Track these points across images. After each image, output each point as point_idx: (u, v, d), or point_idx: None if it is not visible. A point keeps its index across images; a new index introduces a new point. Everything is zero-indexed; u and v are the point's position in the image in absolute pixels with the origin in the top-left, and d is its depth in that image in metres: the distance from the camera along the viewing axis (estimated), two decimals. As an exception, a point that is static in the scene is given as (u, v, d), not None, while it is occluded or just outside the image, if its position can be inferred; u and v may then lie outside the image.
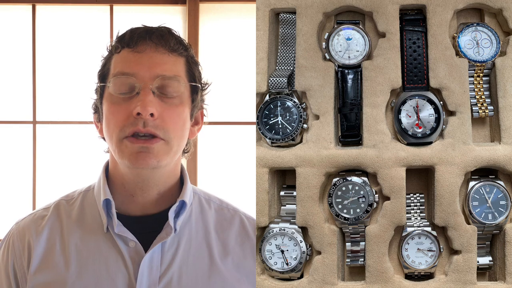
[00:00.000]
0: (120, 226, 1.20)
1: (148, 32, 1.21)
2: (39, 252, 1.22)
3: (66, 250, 1.22)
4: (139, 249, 1.20)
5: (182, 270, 1.21)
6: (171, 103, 1.19)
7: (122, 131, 1.17)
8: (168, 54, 1.20)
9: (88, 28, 3.40)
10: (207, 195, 1.33)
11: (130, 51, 1.19)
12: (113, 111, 1.19)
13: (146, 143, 1.16)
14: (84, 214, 1.25)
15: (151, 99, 1.16)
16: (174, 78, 1.19)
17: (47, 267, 1.21)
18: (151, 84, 1.17)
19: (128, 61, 1.19)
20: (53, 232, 1.24)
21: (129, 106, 1.17)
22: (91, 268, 1.20)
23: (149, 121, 1.16)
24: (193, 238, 1.24)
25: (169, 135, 1.18)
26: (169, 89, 1.19)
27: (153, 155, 1.17)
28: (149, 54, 1.19)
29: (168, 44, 1.20)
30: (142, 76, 1.17)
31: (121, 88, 1.18)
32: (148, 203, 1.23)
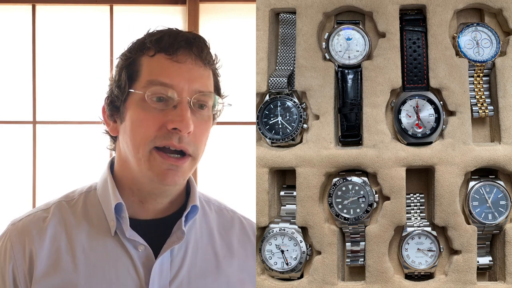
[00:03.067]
0: (131, 231, 1.18)
1: (189, 42, 1.16)
2: (44, 256, 1.18)
3: (73, 253, 1.18)
4: (149, 254, 1.18)
5: (191, 273, 1.20)
6: (202, 118, 1.17)
7: (152, 142, 1.13)
8: (204, 67, 1.17)
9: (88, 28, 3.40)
10: (206, 197, 1.32)
11: (168, 58, 1.15)
12: (144, 119, 1.14)
13: (176, 162, 1.14)
14: (88, 216, 1.22)
15: (189, 115, 1.13)
16: (210, 94, 1.17)
17: (54, 271, 1.17)
18: (189, 98, 1.14)
19: (166, 70, 1.14)
20: (58, 234, 1.20)
21: (163, 118, 1.13)
22: (100, 272, 1.16)
23: (184, 138, 1.14)
24: (199, 241, 1.24)
25: (197, 152, 1.17)
26: (203, 105, 1.17)
27: (181, 174, 1.15)
28: (189, 66, 1.15)
29: (205, 58, 1.17)
30: (181, 89, 1.14)
31: (157, 97, 1.14)
32: (158, 209, 1.21)
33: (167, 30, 1.18)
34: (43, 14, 3.41)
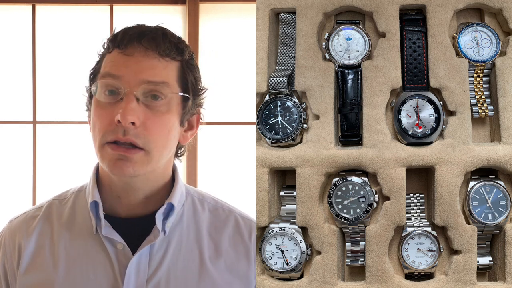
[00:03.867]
0: (108, 228, 1.18)
1: (140, 35, 1.16)
2: (28, 253, 1.21)
3: (55, 251, 1.20)
4: (127, 252, 1.18)
5: (170, 273, 1.19)
6: (157, 110, 1.15)
7: (104, 137, 1.14)
8: (159, 58, 1.16)
9: (88, 28, 3.40)
10: (201, 195, 1.30)
11: (120, 52, 1.16)
12: (98, 115, 1.16)
13: (125, 153, 1.14)
14: (74, 215, 1.24)
15: (133, 106, 1.13)
16: (162, 84, 1.15)
17: (35, 268, 1.20)
18: (136, 90, 1.13)
19: (115, 64, 1.15)
20: (43, 233, 1.22)
21: (113, 112, 1.13)
22: (78, 270, 1.18)
23: (129, 130, 1.13)
24: (184, 240, 1.22)
25: (149, 144, 1.15)
26: (155, 96, 1.15)
27: (130, 164, 1.14)
28: (138, 58, 1.15)
29: (159, 48, 1.16)
30: (127, 80, 1.14)
31: (106, 91, 1.15)
32: (134, 205, 1.21)
33: (126, 27, 1.20)
34: (43, 14, 3.41)
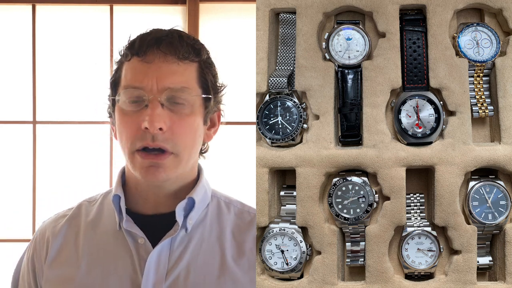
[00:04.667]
0: (129, 222, 1.22)
1: (157, 40, 1.19)
2: (55, 248, 1.26)
3: (80, 247, 1.25)
4: (148, 246, 1.21)
5: (190, 267, 1.21)
6: (181, 113, 1.18)
7: (133, 145, 1.18)
8: (178, 63, 1.19)
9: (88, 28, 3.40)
10: (228, 199, 1.33)
11: (139, 60, 1.18)
12: (124, 123, 1.19)
13: (155, 159, 1.17)
14: (101, 214, 1.28)
15: (159, 112, 1.16)
16: (183, 89, 1.18)
17: (60, 262, 1.25)
18: (159, 96, 1.16)
19: (136, 72, 1.18)
20: (70, 230, 1.28)
21: (138, 119, 1.17)
22: (100, 264, 1.22)
23: (158, 135, 1.16)
24: (206, 238, 1.25)
25: (178, 148, 1.18)
26: (178, 101, 1.18)
27: (163, 170, 1.18)
28: (158, 64, 1.17)
29: (178, 52, 1.18)
30: (150, 88, 1.17)
31: (130, 101, 1.18)
32: (161, 204, 1.24)
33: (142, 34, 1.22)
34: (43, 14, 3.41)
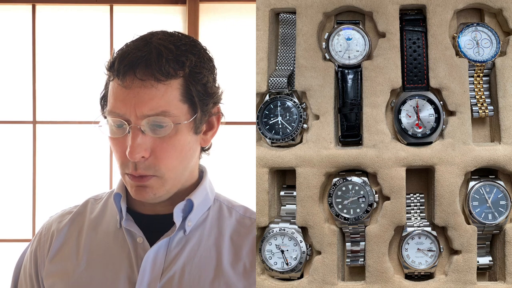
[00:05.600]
0: (128, 221, 1.24)
1: (134, 64, 1.14)
2: (57, 243, 1.28)
3: (81, 243, 1.26)
4: (146, 245, 1.22)
5: (185, 268, 1.21)
6: (164, 136, 1.17)
7: (121, 168, 1.20)
8: (157, 86, 1.15)
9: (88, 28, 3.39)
10: (230, 204, 1.32)
11: (119, 84, 1.16)
12: (113, 146, 1.20)
13: (141, 181, 1.18)
14: (105, 211, 1.30)
15: (139, 141, 1.15)
16: (164, 113, 1.15)
17: (61, 257, 1.26)
18: (139, 124, 1.15)
19: (116, 99, 1.16)
20: (74, 226, 1.29)
21: (124, 144, 1.17)
22: (98, 260, 1.24)
23: (139, 164, 1.17)
24: (203, 241, 1.25)
25: (161, 171, 1.18)
26: (160, 124, 1.16)
27: (150, 190, 1.19)
28: (135, 90, 1.14)
29: (155, 75, 1.14)
30: (128, 117, 1.15)
31: (115, 125, 1.18)
32: (160, 206, 1.25)
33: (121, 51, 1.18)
34: (43, 14, 3.41)
